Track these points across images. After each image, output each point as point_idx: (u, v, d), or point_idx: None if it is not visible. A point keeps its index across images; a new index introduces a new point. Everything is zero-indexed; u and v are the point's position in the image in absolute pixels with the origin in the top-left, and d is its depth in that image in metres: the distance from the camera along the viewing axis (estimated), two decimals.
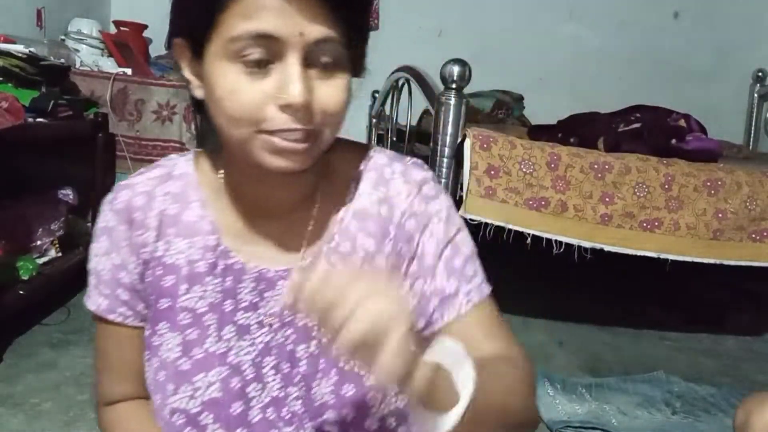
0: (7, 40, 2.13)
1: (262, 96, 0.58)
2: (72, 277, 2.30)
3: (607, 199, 2.04)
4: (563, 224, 2.04)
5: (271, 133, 0.59)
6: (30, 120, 1.97)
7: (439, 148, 1.99)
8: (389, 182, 0.71)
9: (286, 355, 0.68)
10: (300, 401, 0.67)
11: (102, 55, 2.85)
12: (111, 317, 0.72)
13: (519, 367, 0.67)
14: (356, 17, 0.61)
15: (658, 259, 2.09)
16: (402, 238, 0.70)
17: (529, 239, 2.03)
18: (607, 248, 2.06)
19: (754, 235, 2.11)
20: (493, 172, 2.00)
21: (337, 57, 0.60)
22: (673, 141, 2.28)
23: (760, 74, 3.73)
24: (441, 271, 0.69)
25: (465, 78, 1.94)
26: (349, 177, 0.72)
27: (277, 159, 0.60)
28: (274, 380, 0.68)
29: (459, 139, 1.99)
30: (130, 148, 2.54)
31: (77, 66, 2.67)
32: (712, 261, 2.12)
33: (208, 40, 0.60)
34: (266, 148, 0.60)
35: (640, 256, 2.10)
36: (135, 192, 0.70)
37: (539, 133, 2.50)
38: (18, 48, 2.07)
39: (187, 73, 0.65)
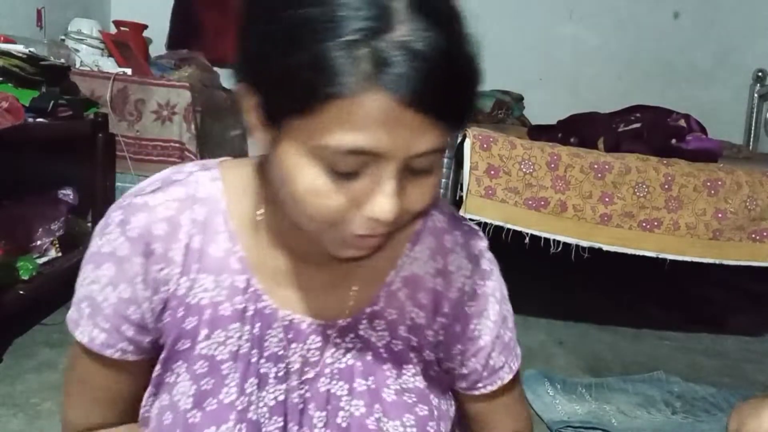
0: (7, 40, 2.12)
1: (347, 203, 0.51)
2: (72, 277, 2.29)
3: (606, 199, 2.04)
4: (563, 224, 2.04)
5: (350, 232, 0.53)
6: (30, 120, 1.96)
7: None
8: (449, 254, 0.66)
9: (297, 416, 0.64)
10: None
11: (102, 55, 2.85)
12: (108, 353, 0.62)
13: None
14: (468, 117, 0.54)
15: (658, 258, 2.10)
16: (460, 320, 0.67)
17: (527, 239, 2.04)
18: (606, 248, 2.07)
19: (754, 235, 2.11)
20: (492, 172, 2.00)
21: (436, 161, 0.53)
22: (673, 141, 2.29)
23: (760, 74, 3.73)
24: (495, 352, 0.70)
25: None
26: (404, 235, 0.65)
27: (346, 251, 0.55)
28: None
29: (459, 139, 1.99)
30: (130, 148, 2.54)
31: (77, 66, 2.66)
32: (711, 261, 2.12)
33: (288, 123, 0.50)
34: (341, 242, 0.54)
35: (640, 256, 2.10)
36: (154, 217, 0.60)
37: (539, 133, 2.51)
38: (18, 48, 2.07)
39: (252, 120, 0.54)
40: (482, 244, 0.69)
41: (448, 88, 0.48)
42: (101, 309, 0.61)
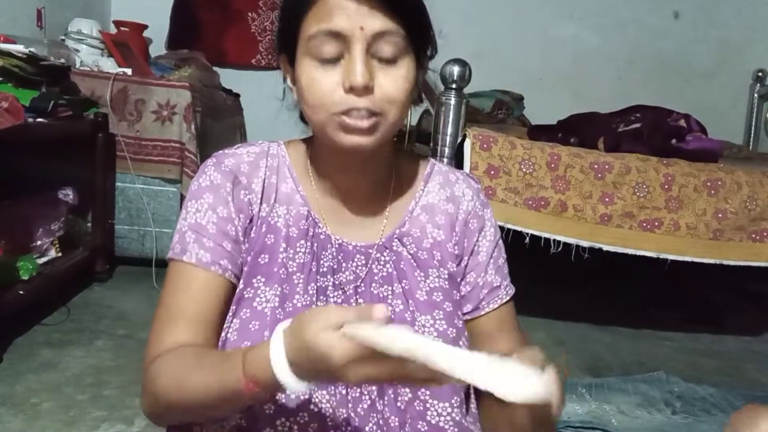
0: (7, 40, 2.13)
1: (332, 84, 0.71)
2: (72, 277, 2.31)
3: (606, 199, 2.04)
4: (563, 224, 2.04)
5: (342, 113, 0.71)
6: (30, 120, 1.96)
7: (439, 148, 1.99)
8: (454, 185, 0.86)
9: None
10: None
11: (102, 55, 2.85)
12: (213, 269, 0.76)
13: None
14: (411, 11, 0.73)
15: (658, 259, 2.09)
16: (466, 235, 0.85)
17: (527, 239, 2.03)
18: (606, 248, 2.06)
19: (754, 235, 2.11)
20: (492, 172, 2.00)
21: (398, 48, 0.71)
22: (673, 141, 2.28)
23: (760, 74, 3.73)
24: (491, 268, 0.85)
25: (465, 78, 1.94)
26: (417, 177, 0.86)
27: (348, 137, 0.72)
28: None
29: (459, 139, 1.99)
30: (130, 148, 2.54)
31: (77, 66, 2.67)
32: (712, 261, 2.12)
33: (296, 45, 0.73)
34: (339, 127, 0.72)
35: (640, 256, 2.10)
36: (240, 160, 0.81)
37: (539, 133, 2.50)
38: (18, 48, 2.07)
39: (288, 82, 0.80)
40: (478, 185, 0.89)
41: None
42: (206, 231, 0.77)
